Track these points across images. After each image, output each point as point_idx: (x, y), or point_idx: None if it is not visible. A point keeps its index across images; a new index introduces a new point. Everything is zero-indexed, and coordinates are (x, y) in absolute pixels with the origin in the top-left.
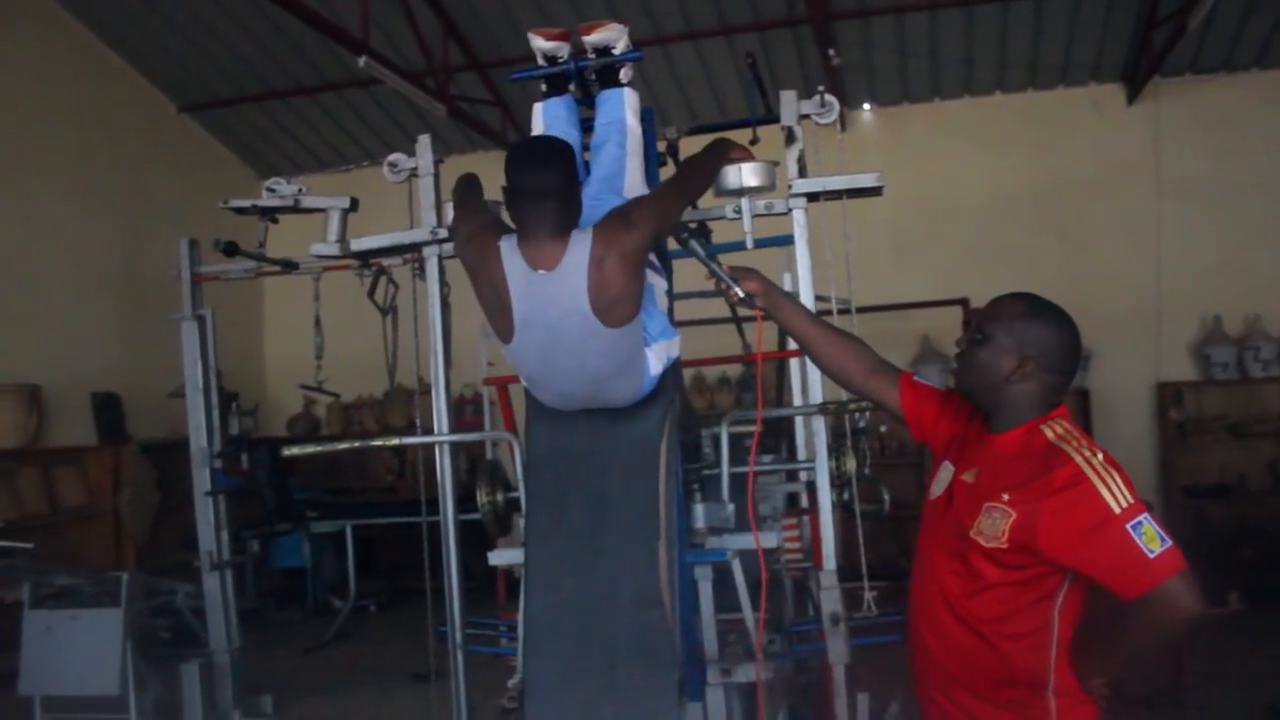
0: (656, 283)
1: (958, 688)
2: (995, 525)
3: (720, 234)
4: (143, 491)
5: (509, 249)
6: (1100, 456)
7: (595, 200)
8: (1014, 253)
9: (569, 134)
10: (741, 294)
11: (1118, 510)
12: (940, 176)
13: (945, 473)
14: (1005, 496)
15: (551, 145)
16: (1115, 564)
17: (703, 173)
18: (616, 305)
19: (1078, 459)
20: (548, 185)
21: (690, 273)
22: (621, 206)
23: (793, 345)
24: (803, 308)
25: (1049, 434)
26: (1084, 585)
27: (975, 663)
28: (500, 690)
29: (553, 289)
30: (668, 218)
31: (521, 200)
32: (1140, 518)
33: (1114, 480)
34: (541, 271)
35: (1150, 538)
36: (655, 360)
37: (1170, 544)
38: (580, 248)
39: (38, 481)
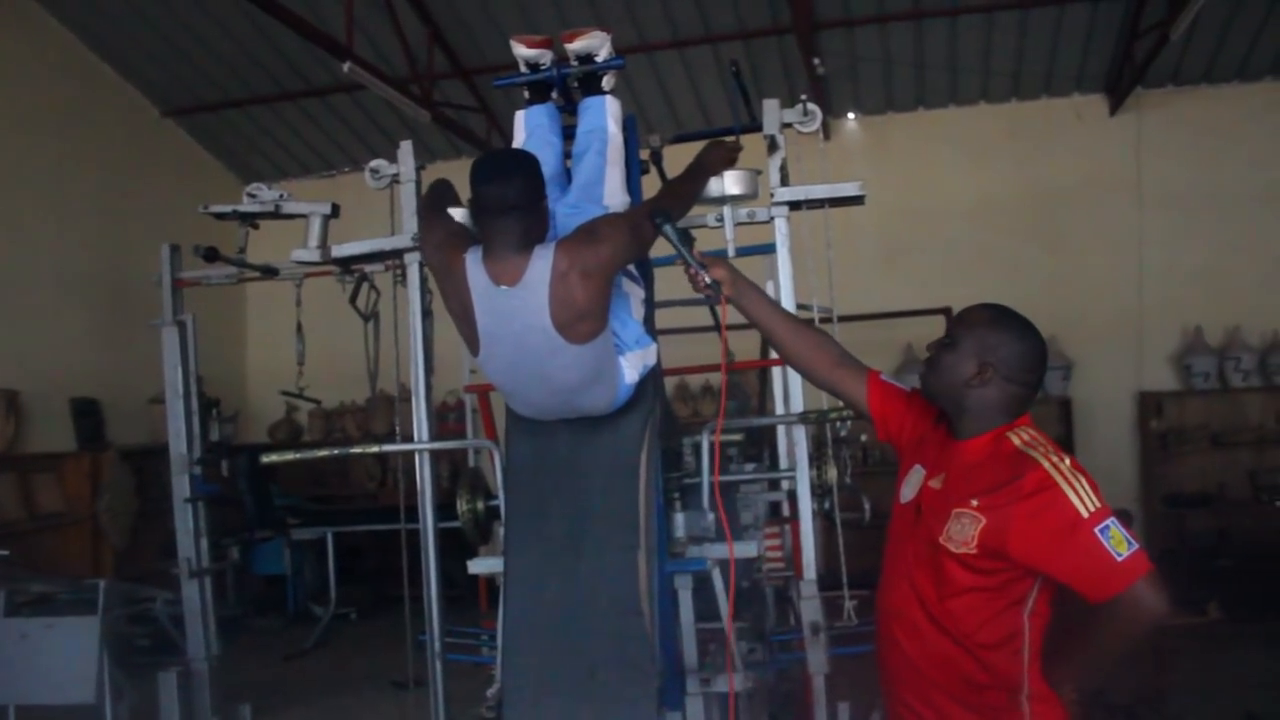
0: (633, 291)
1: (936, 693)
2: (964, 531)
3: (703, 242)
4: (122, 498)
5: (474, 262)
6: (1067, 462)
7: (574, 209)
8: (998, 262)
9: (551, 142)
10: (708, 280)
11: (1086, 515)
12: (924, 185)
13: (916, 476)
14: (974, 502)
15: (514, 159)
16: (1084, 568)
17: (683, 193)
18: (580, 321)
19: (1045, 464)
20: (509, 199)
21: (674, 281)
22: (591, 222)
23: (774, 354)
24: (769, 299)
25: (1016, 440)
26: (1052, 590)
27: (953, 668)
28: (480, 699)
29: (515, 304)
30: (639, 237)
31: (484, 214)
32: (1108, 521)
33: (1081, 485)
34: (504, 287)
35: (1118, 541)
36: (630, 369)
37: (1137, 547)
38: (543, 263)
39: (15, 488)
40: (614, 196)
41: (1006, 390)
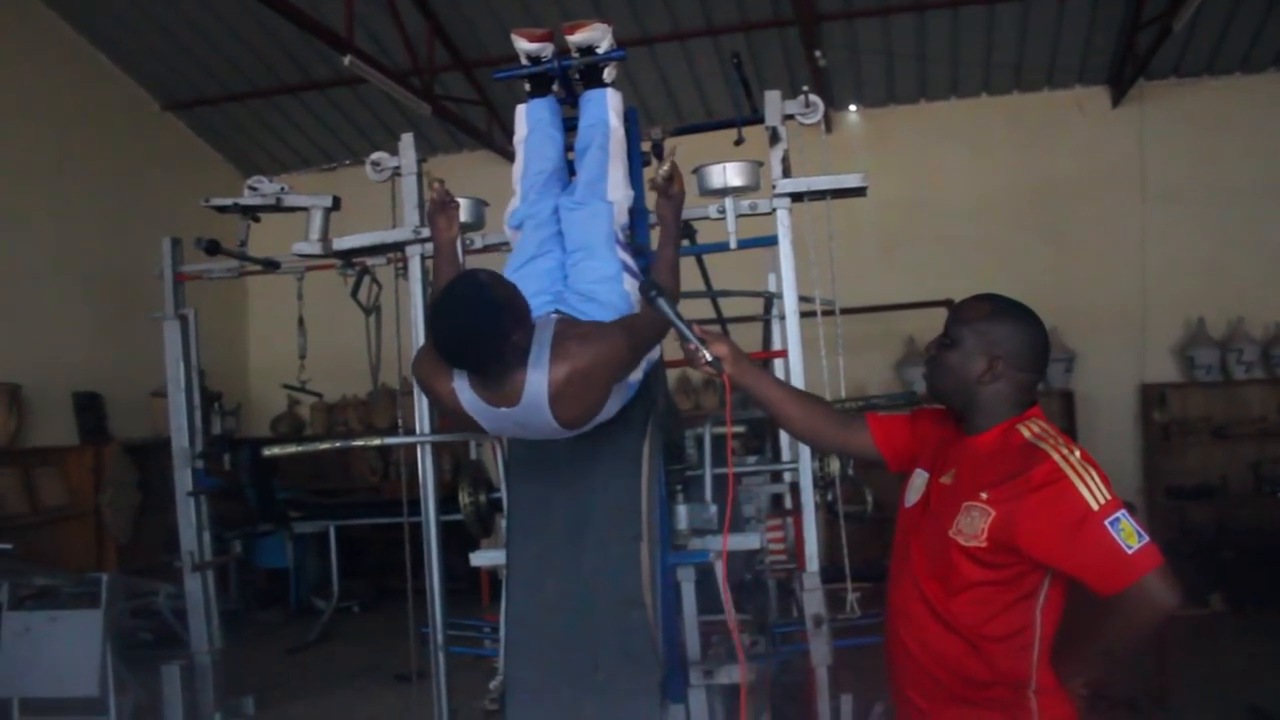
0: (633, 290)
1: (940, 690)
2: (974, 524)
3: (704, 234)
4: (124, 492)
5: (463, 388)
6: (1077, 454)
7: (580, 205)
8: (999, 254)
9: (552, 137)
10: (709, 357)
11: (1096, 507)
12: (926, 178)
13: (919, 479)
14: (984, 495)
15: (473, 309)
16: (1094, 560)
17: (668, 260)
18: (587, 416)
19: (1055, 457)
20: (483, 355)
21: None
22: (582, 330)
23: (776, 346)
24: (769, 375)
25: (1026, 433)
26: (1064, 584)
27: (958, 665)
28: (482, 692)
29: (519, 416)
30: (641, 340)
31: (460, 368)
32: (1118, 514)
33: (1092, 477)
34: (503, 409)
35: (1128, 534)
36: (635, 369)
37: (1147, 540)
38: (538, 379)
39: (18, 482)
40: (617, 191)
41: (1017, 380)
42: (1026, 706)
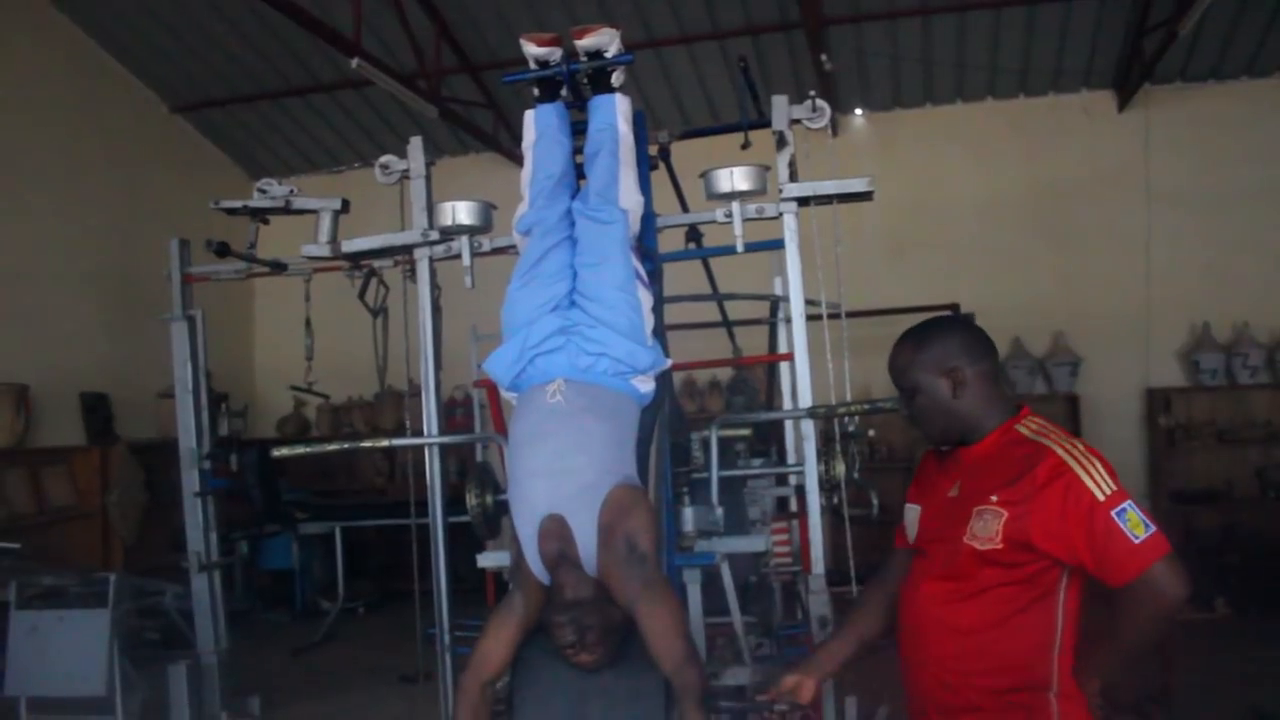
0: (644, 299)
1: (959, 701)
2: (988, 527)
3: (711, 238)
4: (131, 492)
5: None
6: (1080, 445)
7: (595, 214)
8: (1005, 258)
9: (561, 142)
10: (796, 703)
11: (1102, 498)
12: (932, 182)
13: (911, 514)
14: (994, 498)
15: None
16: (1102, 551)
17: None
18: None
19: (1059, 450)
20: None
21: (682, 274)
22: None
23: (782, 349)
24: (838, 638)
25: (1025, 431)
26: (1081, 582)
27: (978, 674)
28: None
29: None
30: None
31: None
32: (1124, 504)
33: (1096, 468)
34: None
35: (1135, 524)
36: (644, 384)
37: (1155, 529)
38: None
39: (25, 482)
40: (629, 197)
41: (979, 373)
42: (1047, 710)
